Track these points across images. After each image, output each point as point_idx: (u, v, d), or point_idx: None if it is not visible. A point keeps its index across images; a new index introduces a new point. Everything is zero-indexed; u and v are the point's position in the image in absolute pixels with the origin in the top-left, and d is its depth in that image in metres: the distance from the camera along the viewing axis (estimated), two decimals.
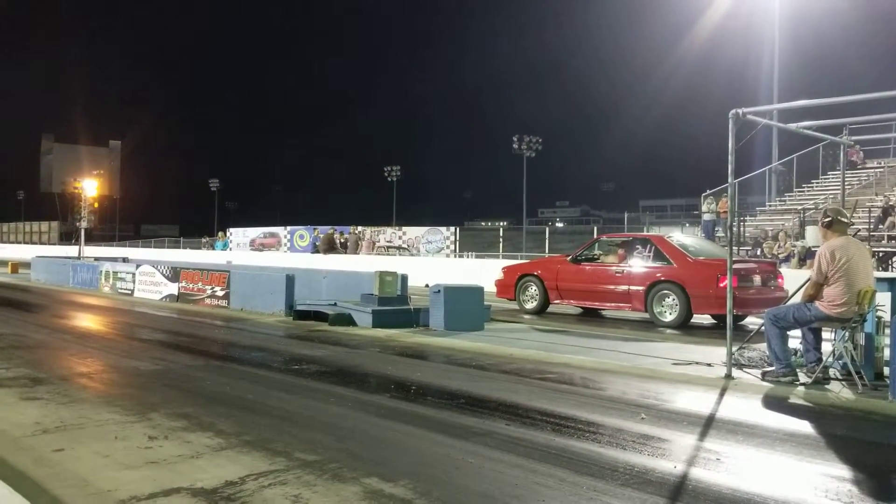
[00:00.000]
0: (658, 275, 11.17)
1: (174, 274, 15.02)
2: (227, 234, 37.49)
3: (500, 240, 28.64)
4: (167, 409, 5.11)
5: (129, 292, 16.09)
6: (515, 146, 51.51)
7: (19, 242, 54.51)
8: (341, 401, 5.59)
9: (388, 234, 31.04)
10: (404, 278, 11.42)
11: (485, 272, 20.01)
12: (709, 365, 7.21)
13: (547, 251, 25.05)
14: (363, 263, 21.08)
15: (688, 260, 11.05)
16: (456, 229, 29.49)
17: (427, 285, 12.90)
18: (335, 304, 11.02)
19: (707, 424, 5.01)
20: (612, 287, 11.77)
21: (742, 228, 19.91)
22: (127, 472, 3.69)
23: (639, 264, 11.51)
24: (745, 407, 5.62)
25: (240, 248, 35.27)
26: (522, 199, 50.74)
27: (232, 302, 13.32)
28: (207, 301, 13.87)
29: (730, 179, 7.21)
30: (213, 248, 35.63)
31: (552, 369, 7.13)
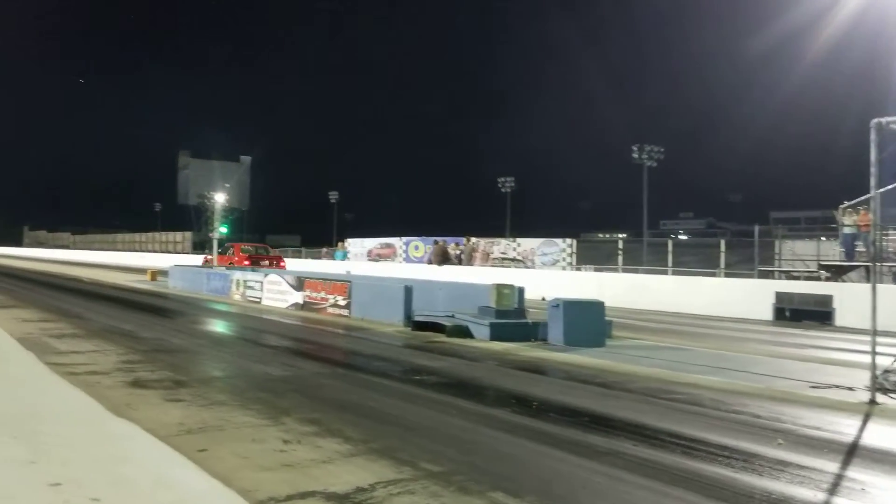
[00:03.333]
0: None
1: (299, 283, 15.66)
2: (346, 244, 38.70)
3: (620, 252, 27.81)
4: (298, 413, 5.32)
5: (258, 300, 16.92)
6: (635, 155, 50.12)
7: (155, 251, 58.50)
8: (463, 413, 5.61)
9: (502, 246, 31.04)
10: (521, 291, 11.36)
11: (603, 286, 19.65)
12: (850, 389, 6.77)
13: (669, 264, 24.37)
14: (477, 275, 21.20)
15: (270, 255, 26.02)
16: (573, 241, 29.01)
17: (543, 298, 12.81)
18: (452, 316, 11.10)
19: (850, 452, 4.70)
20: None
21: (885, 243, 18.49)
22: (264, 473, 3.86)
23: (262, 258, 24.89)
24: (892, 435, 5.22)
25: (357, 258, 36.32)
26: (643, 211, 49.22)
27: (353, 311, 13.72)
28: (330, 310, 14.36)
29: (872, 192, 6.78)
30: (333, 258, 36.90)
31: (680, 389, 6.87)
